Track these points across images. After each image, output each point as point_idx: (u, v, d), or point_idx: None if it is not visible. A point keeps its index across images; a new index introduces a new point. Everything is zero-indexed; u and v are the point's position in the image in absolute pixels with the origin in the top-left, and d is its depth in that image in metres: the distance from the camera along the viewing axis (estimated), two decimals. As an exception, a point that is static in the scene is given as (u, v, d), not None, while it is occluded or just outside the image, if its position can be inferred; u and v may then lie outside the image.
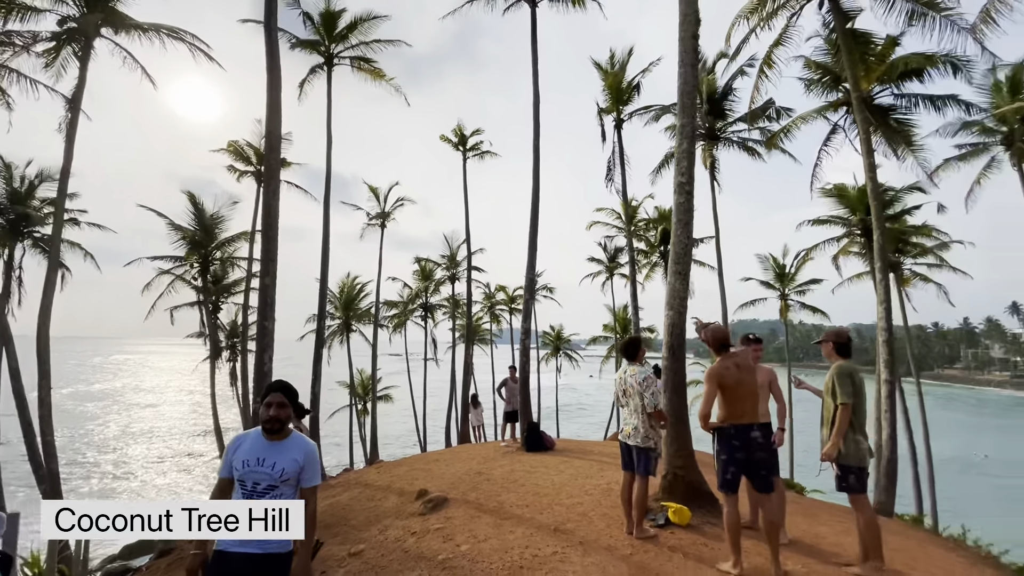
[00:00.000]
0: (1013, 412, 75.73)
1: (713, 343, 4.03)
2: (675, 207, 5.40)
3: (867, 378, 4.18)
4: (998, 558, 7.63)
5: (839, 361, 3.95)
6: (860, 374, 3.90)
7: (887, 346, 8.66)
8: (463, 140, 23.77)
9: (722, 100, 19.63)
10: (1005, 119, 17.62)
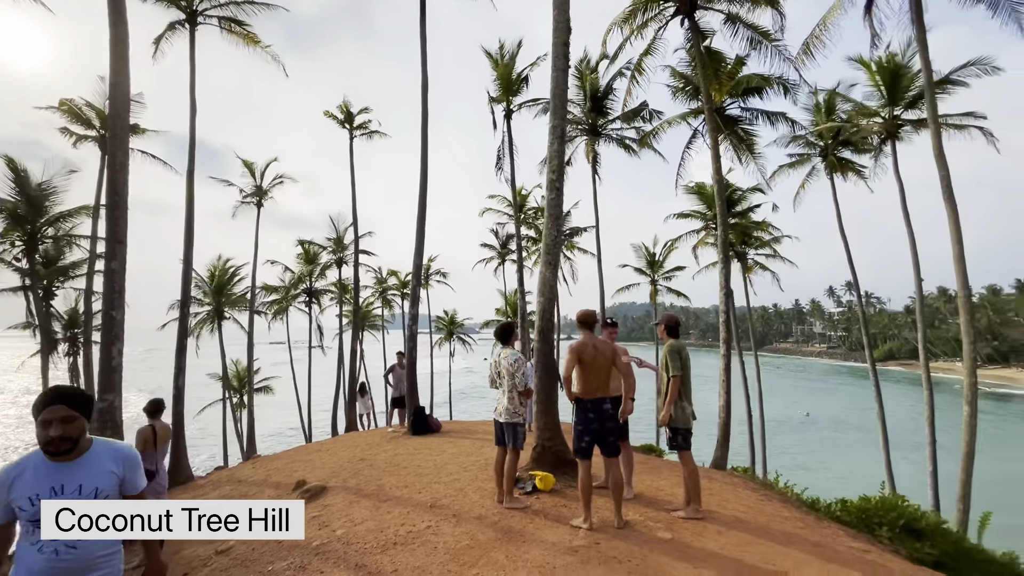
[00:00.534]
0: (828, 377, 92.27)
1: (577, 322, 4.60)
2: (547, 203, 5.87)
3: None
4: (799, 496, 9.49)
5: (670, 341, 4.69)
6: (687, 350, 4.67)
7: (725, 326, 10.23)
8: (350, 118, 22.65)
9: (603, 99, 20.99)
10: (822, 135, 21.19)
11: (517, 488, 5.30)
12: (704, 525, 4.30)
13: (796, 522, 4.67)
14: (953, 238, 10.63)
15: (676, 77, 15.72)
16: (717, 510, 4.80)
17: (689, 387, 4.65)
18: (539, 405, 5.74)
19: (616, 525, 4.23)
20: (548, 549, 3.82)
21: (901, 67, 16.48)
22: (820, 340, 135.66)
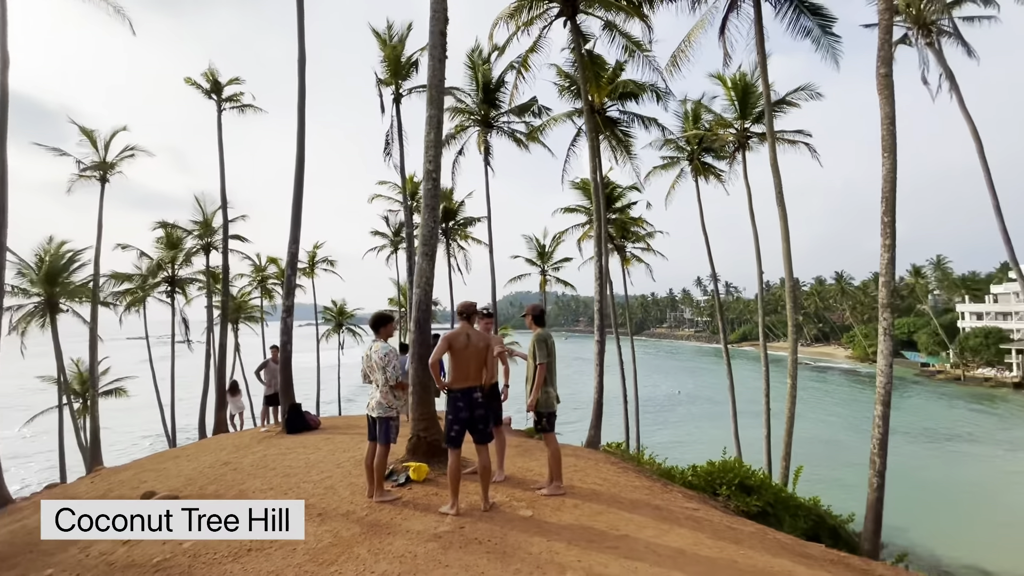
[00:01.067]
0: (697, 358, 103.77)
1: (457, 312, 4.71)
2: (423, 193, 5.85)
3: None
4: (660, 465, 10.58)
5: (537, 330, 4.96)
6: (552, 339, 4.97)
7: (599, 314, 11.05)
8: (217, 87, 20.28)
9: (496, 91, 21.22)
10: (689, 141, 23.54)
11: (390, 481, 5.28)
12: (563, 500, 4.66)
13: (644, 490, 5.24)
14: (782, 236, 12.51)
15: (562, 76, 16.41)
16: (578, 485, 5.22)
17: (554, 373, 4.97)
18: (415, 396, 5.75)
19: (483, 508, 4.42)
20: (413, 538, 3.88)
21: (750, 86, 18.85)
22: (690, 325, 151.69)
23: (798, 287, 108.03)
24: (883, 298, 7.62)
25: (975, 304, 70.19)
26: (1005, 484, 30.14)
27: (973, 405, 52.26)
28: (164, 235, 27.21)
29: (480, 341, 4.58)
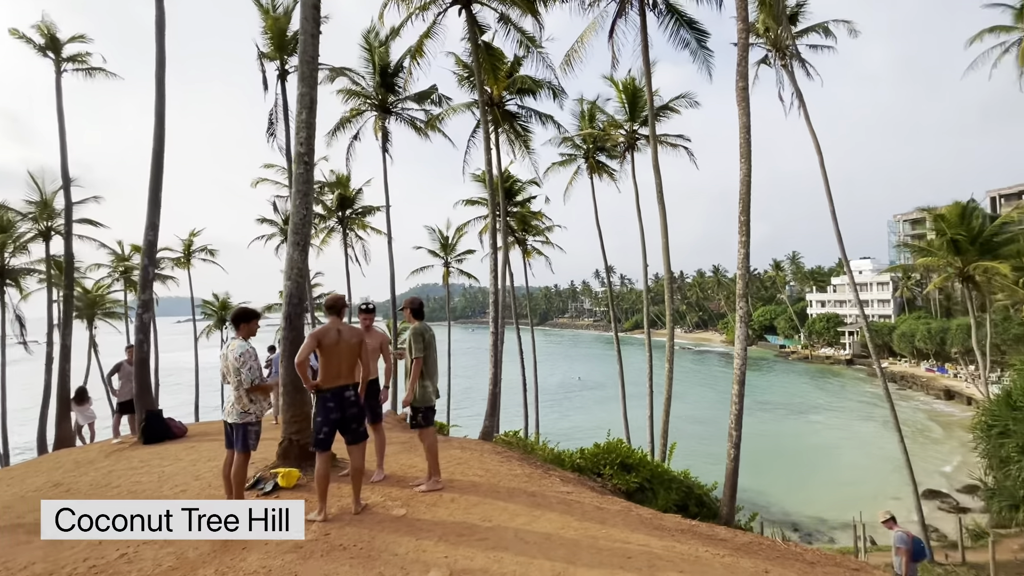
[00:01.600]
0: (596, 345, 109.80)
1: (325, 307, 4.42)
2: (295, 178, 5.41)
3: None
4: (552, 451, 10.96)
5: (414, 323, 4.84)
6: (431, 332, 4.88)
7: (494, 306, 11.16)
8: (54, 44, 17.10)
9: (394, 75, 20.45)
10: (585, 139, 24.59)
11: (256, 490, 4.86)
12: (440, 495, 4.61)
13: (523, 478, 5.37)
14: (661, 231, 13.55)
15: (460, 65, 16.22)
16: (459, 478, 5.21)
17: (433, 367, 4.88)
18: (286, 397, 5.35)
19: (354, 511, 4.23)
20: (270, 552, 3.59)
21: (638, 90, 20.10)
22: (589, 315, 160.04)
23: (682, 279, 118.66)
24: (740, 289, 8.55)
25: (820, 294, 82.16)
26: (841, 445, 35.79)
27: (817, 379, 61.30)
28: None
29: (353, 337, 4.36)
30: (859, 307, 19.34)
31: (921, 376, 54.26)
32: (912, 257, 47.12)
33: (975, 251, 23.96)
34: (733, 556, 3.42)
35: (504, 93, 16.74)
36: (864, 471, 30.65)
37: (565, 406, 49.60)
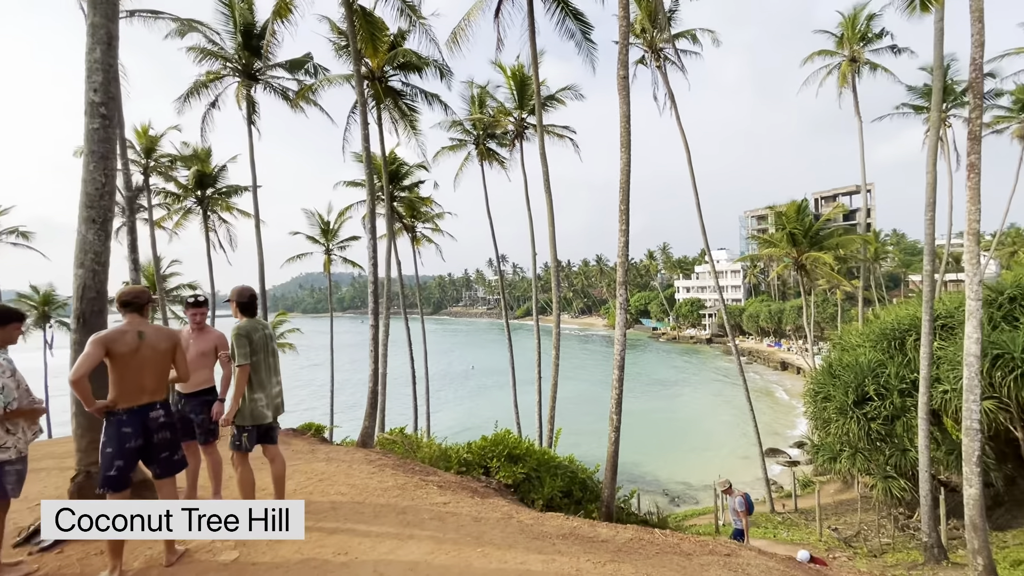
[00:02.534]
0: (489, 333, 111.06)
1: (118, 303, 3.35)
2: (86, 135, 4.15)
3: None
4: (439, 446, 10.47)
5: (241, 320, 3.97)
6: (263, 331, 4.02)
7: (373, 296, 10.30)
8: None
9: (260, 37, 18.06)
10: (475, 125, 24.10)
11: (30, 544, 3.69)
12: (289, 525, 3.87)
13: (395, 491, 4.80)
14: (548, 220, 13.60)
15: (336, 32, 14.72)
16: (317, 499, 4.48)
17: (267, 376, 3.99)
18: (80, 419, 4.15)
19: (165, 562, 3.33)
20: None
21: (527, 78, 20.07)
22: (483, 303, 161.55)
23: (569, 268, 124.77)
24: (620, 276, 8.74)
25: (686, 280, 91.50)
26: (702, 415, 40.15)
27: (684, 357, 68.32)
28: None
29: (162, 341, 3.39)
30: (718, 292, 21.55)
31: (763, 351, 63.00)
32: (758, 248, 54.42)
33: (807, 243, 27.98)
34: (615, 563, 3.22)
35: (387, 68, 15.57)
36: (720, 436, 34.70)
37: (460, 395, 49.40)
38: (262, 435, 3.95)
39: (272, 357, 4.04)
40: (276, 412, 4.02)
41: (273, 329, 4.05)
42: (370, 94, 15.74)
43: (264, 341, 3.97)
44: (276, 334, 30.26)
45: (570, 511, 9.35)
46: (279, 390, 4.08)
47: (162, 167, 21.21)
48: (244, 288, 3.99)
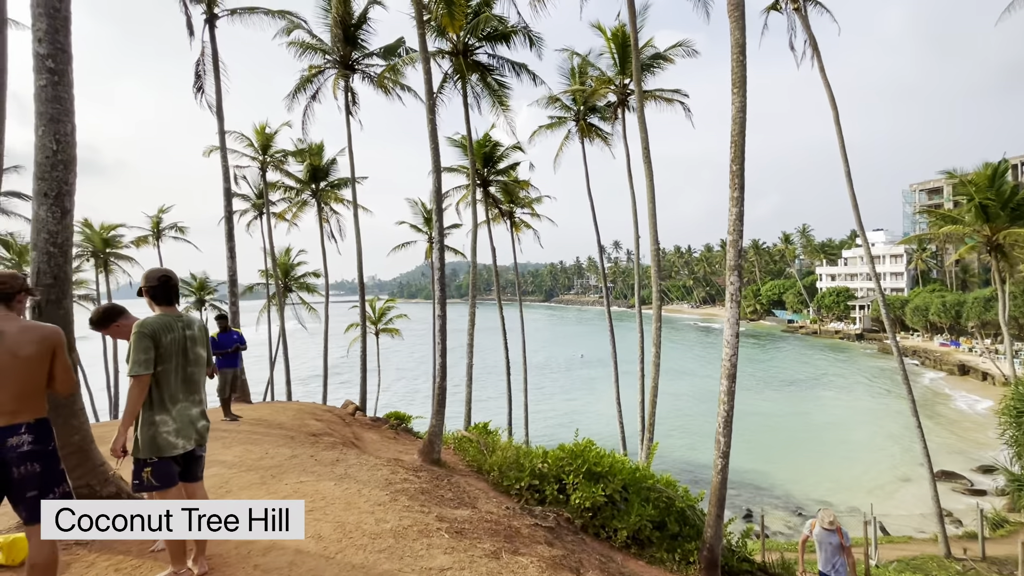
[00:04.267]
0: (600, 322, 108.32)
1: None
2: (35, 93, 3.55)
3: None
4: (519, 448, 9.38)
5: (153, 313, 3.01)
6: (178, 331, 2.97)
7: (440, 283, 9.42)
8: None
9: (358, 28, 18.30)
10: (576, 99, 22.33)
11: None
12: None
13: (387, 539, 3.62)
14: (648, 196, 11.58)
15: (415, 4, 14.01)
16: (283, 545, 3.48)
17: (176, 390, 2.95)
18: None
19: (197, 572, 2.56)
20: None
21: (629, 37, 17.77)
22: (595, 291, 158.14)
23: (689, 254, 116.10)
24: (731, 259, 6.69)
25: (830, 267, 79.45)
26: (850, 423, 34.13)
27: (827, 354, 59.35)
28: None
29: (24, 346, 2.54)
30: (875, 280, 17.31)
31: (935, 351, 52.15)
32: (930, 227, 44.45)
33: (1005, 217, 21.70)
34: None
35: (471, 41, 14.61)
36: (872, 450, 29.06)
37: (565, 386, 48.23)
38: (182, 470, 3.00)
39: (194, 366, 3.06)
40: (199, 440, 3.04)
41: (198, 330, 2.90)
42: (453, 70, 14.95)
43: (179, 344, 2.97)
44: (385, 320, 31.65)
45: (662, 549, 7.61)
46: (200, 411, 3.09)
47: (277, 162, 22.88)
48: (154, 270, 3.05)
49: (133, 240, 27.92)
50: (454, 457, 10.10)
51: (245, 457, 5.55)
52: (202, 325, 3.17)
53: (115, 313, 3.65)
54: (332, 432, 8.87)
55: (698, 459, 27.34)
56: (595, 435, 14.05)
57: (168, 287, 3.02)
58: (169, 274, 3.04)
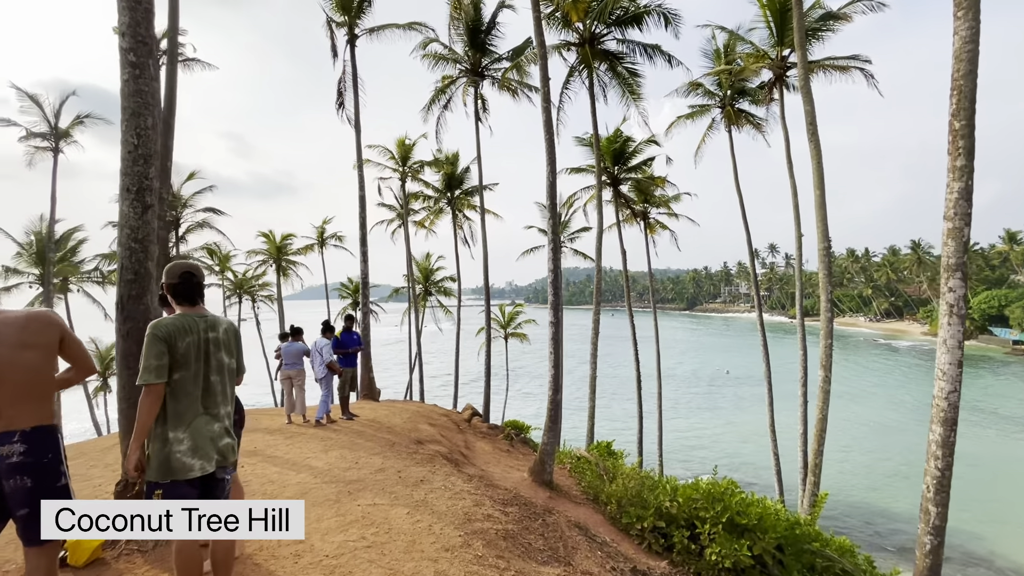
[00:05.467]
0: (750, 335, 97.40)
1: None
2: (121, 89, 3.53)
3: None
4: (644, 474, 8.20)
5: (174, 312, 2.57)
6: (199, 333, 2.52)
7: (553, 287, 8.54)
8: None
9: (487, 33, 18.51)
10: (721, 84, 19.84)
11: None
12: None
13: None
14: (814, 181, 9.32)
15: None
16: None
17: (197, 402, 2.49)
18: (123, 419, 3.63)
19: None
20: None
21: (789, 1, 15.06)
22: (745, 300, 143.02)
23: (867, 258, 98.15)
24: (948, 256, 4.68)
25: (1085, 273, 60.37)
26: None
27: (1079, 390, 44.86)
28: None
29: (35, 335, 2.27)
30: None
31: None
32: None
33: None
34: None
35: (597, 26, 13.56)
36: None
37: (707, 403, 43.87)
38: (200, 494, 2.56)
39: (217, 374, 2.58)
40: (221, 460, 2.57)
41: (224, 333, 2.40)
42: (579, 61, 14.05)
43: (200, 349, 2.52)
44: (513, 324, 31.80)
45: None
46: (222, 427, 2.59)
47: (414, 172, 24.28)
48: (176, 264, 2.61)
49: (300, 248, 32.13)
50: (568, 480, 9.12)
51: (336, 465, 5.30)
52: (231, 327, 2.73)
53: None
54: (441, 439, 8.55)
55: (881, 507, 22.24)
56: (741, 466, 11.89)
57: (191, 284, 2.60)
58: (192, 269, 2.62)
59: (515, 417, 17.43)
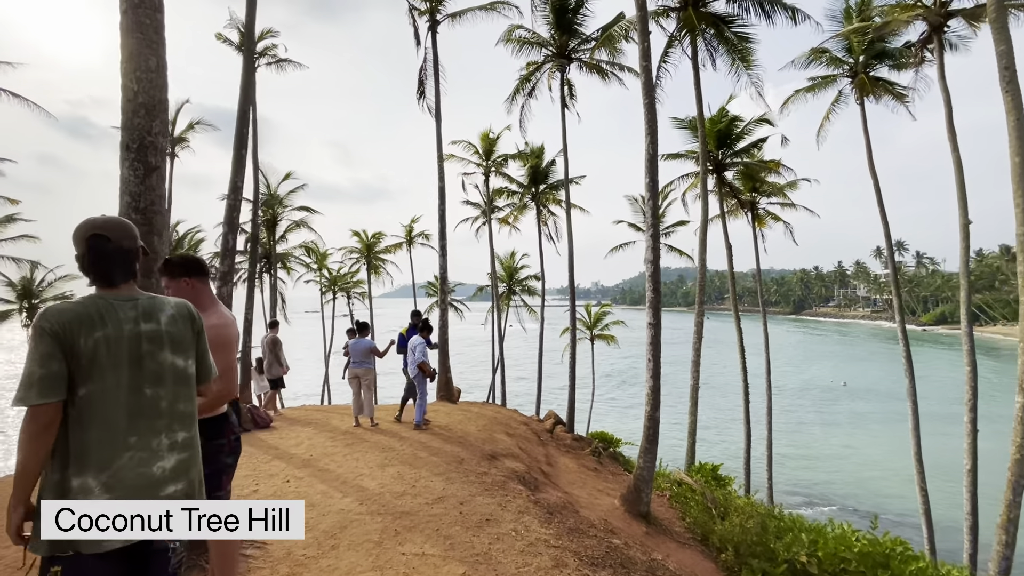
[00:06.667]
0: (869, 342, 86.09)
1: None
2: (120, 25, 2.94)
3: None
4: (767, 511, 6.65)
5: (85, 295, 1.64)
6: (126, 323, 1.65)
7: (652, 280, 7.15)
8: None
9: (575, 12, 17.26)
10: (852, 49, 16.88)
11: None
12: None
13: None
14: (1013, 146, 6.95)
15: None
16: None
17: (116, 429, 1.62)
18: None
19: None
20: None
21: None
22: (865, 304, 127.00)
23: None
24: None
25: None
26: None
27: None
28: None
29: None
30: None
31: None
32: None
33: None
34: None
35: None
36: None
37: (821, 419, 38.85)
38: (127, 573, 1.69)
39: (157, 385, 1.71)
40: (163, 521, 1.67)
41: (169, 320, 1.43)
42: (680, 27, 12.34)
43: (124, 347, 1.64)
44: (600, 326, 30.08)
45: None
46: (178, 461, 1.80)
47: (498, 166, 23.60)
48: (80, 226, 1.68)
49: (389, 246, 32.97)
50: (668, 512, 7.66)
51: (389, 488, 4.46)
52: (184, 311, 1.82)
53: (195, 268, 2.53)
54: (519, 453, 7.52)
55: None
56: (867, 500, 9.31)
57: (104, 253, 1.67)
58: (105, 229, 1.68)
59: (600, 428, 16.05)
